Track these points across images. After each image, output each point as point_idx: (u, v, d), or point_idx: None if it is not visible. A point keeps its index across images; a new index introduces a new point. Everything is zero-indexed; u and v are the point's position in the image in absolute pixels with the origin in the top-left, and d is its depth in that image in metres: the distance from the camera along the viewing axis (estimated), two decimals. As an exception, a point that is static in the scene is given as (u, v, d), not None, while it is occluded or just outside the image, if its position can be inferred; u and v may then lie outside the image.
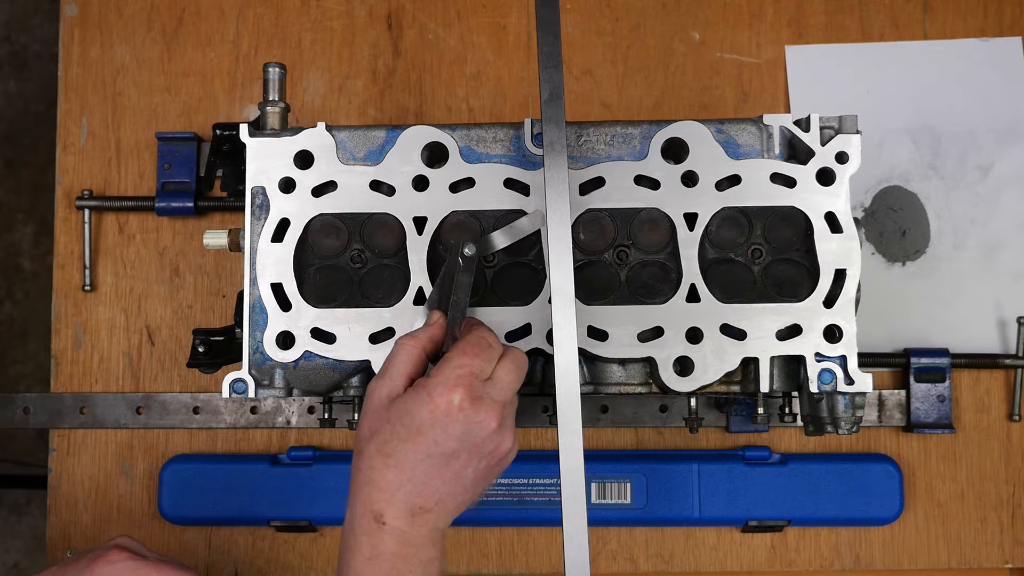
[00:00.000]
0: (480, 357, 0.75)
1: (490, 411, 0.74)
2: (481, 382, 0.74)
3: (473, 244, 0.82)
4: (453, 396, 0.73)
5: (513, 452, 0.77)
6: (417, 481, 0.74)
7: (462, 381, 0.73)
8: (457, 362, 0.74)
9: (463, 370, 0.74)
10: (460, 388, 0.73)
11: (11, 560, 2.21)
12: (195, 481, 1.11)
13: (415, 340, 0.78)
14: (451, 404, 0.73)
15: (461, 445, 0.74)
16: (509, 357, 0.77)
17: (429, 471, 0.74)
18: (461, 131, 0.90)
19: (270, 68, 0.93)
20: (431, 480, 0.74)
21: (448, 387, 0.73)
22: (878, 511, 1.09)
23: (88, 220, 1.15)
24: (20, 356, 2.28)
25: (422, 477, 0.74)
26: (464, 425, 0.73)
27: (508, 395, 0.76)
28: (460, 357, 0.75)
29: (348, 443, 1.15)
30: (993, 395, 1.14)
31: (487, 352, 0.75)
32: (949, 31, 1.20)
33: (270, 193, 0.88)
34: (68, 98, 1.20)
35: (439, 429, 0.73)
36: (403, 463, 0.74)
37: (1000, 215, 1.16)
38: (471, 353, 0.75)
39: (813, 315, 0.86)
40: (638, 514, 1.09)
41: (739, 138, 0.89)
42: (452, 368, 0.74)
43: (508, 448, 0.76)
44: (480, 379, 0.74)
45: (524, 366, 0.78)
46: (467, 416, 0.73)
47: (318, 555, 1.13)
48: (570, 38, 1.20)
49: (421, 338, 0.79)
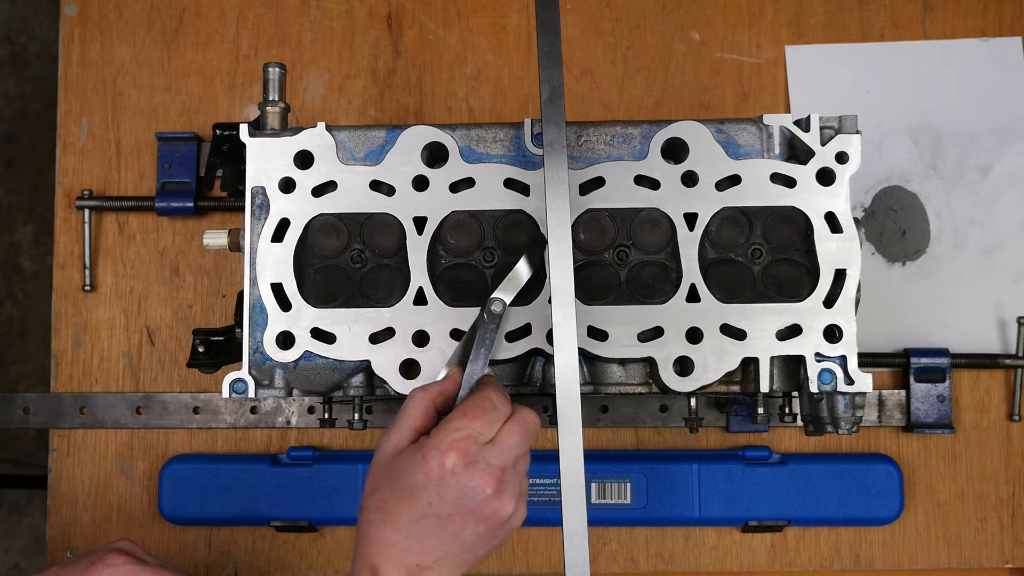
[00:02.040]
0: (481, 419, 0.73)
1: (485, 476, 0.72)
2: (479, 445, 0.72)
3: (502, 302, 0.82)
4: (446, 460, 0.71)
5: (517, 516, 0.75)
6: (413, 539, 0.73)
7: (457, 444, 0.72)
8: (455, 424, 0.73)
9: (459, 433, 0.72)
10: (454, 452, 0.71)
11: (11, 560, 2.21)
12: (195, 481, 1.11)
13: (425, 393, 0.77)
14: (443, 468, 0.71)
15: (456, 509, 0.72)
16: (516, 419, 0.75)
17: (425, 531, 0.73)
18: (461, 131, 0.90)
19: (270, 68, 0.93)
20: (427, 540, 0.73)
21: (442, 450, 0.72)
22: (878, 511, 1.09)
23: (88, 220, 1.15)
24: (20, 356, 2.28)
25: (418, 536, 0.73)
26: (457, 490, 0.72)
27: (509, 459, 0.74)
28: (460, 419, 0.73)
29: (348, 443, 1.15)
30: (993, 395, 1.14)
31: (490, 414, 0.74)
32: (949, 31, 1.20)
33: (270, 193, 0.88)
34: (68, 98, 1.20)
35: (432, 492, 0.72)
36: (399, 522, 0.73)
37: (1000, 215, 1.16)
38: (471, 415, 0.73)
39: (813, 315, 0.86)
40: (638, 514, 1.09)
41: (739, 138, 0.89)
42: (449, 431, 0.73)
43: (509, 513, 0.74)
44: (479, 442, 0.73)
45: (533, 428, 0.76)
46: (460, 481, 0.71)
47: (318, 555, 1.13)
48: (570, 38, 1.20)
49: (432, 391, 0.77)
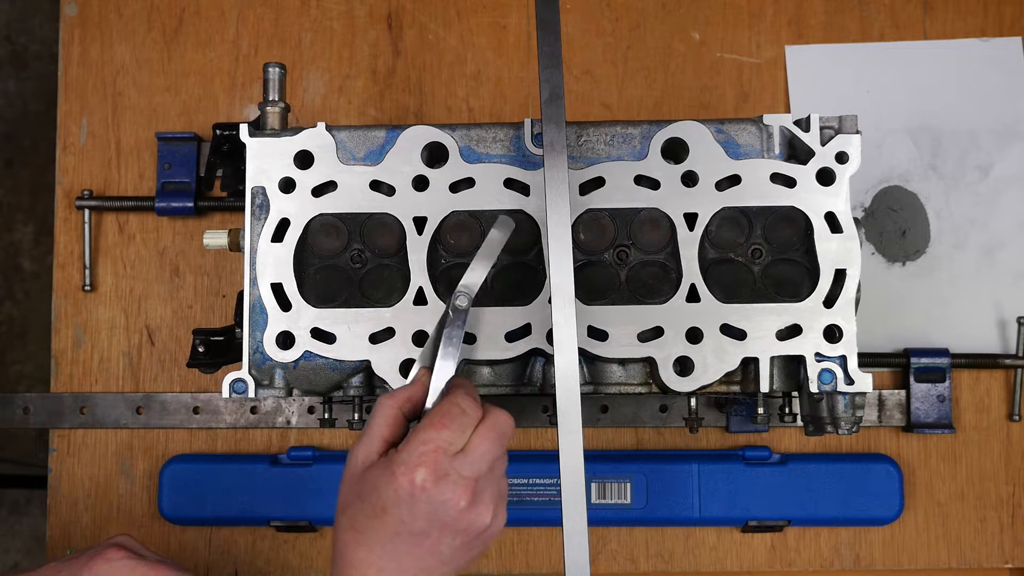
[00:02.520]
0: (449, 428, 0.70)
1: (457, 489, 0.69)
2: (449, 457, 0.70)
3: (467, 296, 0.78)
4: (416, 475, 0.69)
5: (496, 524, 0.73)
6: (389, 559, 0.71)
7: (425, 459, 0.69)
8: (422, 436, 0.70)
9: (427, 446, 0.70)
10: (423, 467, 0.69)
11: (11, 560, 2.21)
12: (195, 481, 1.11)
13: (392, 400, 0.74)
14: (413, 484, 0.69)
15: (430, 524, 0.70)
16: (487, 424, 0.72)
17: (399, 549, 0.71)
18: (461, 131, 0.90)
19: (270, 68, 0.93)
20: (402, 558, 0.71)
21: (411, 466, 0.69)
22: (878, 511, 1.09)
23: (88, 220, 1.15)
24: (20, 356, 2.28)
25: (393, 555, 0.71)
26: (429, 505, 0.69)
27: (482, 467, 0.71)
28: (427, 430, 0.70)
29: (348, 443, 1.15)
30: (993, 395, 1.14)
31: (459, 421, 0.71)
32: (949, 31, 1.20)
33: (270, 193, 0.88)
34: (68, 98, 1.20)
35: (404, 509, 0.69)
36: (372, 541, 0.71)
37: (1000, 215, 1.16)
38: (439, 425, 0.70)
39: (813, 315, 0.86)
40: (638, 514, 1.09)
41: (739, 138, 0.89)
42: (417, 443, 0.70)
43: (486, 523, 0.71)
44: (448, 453, 0.70)
45: (507, 430, 0.73)
46: (431, 497, 0.69)
47: (318, 555, 1.13)
48: (570, 38, 1.20)
49: (399, 398, 0.75)
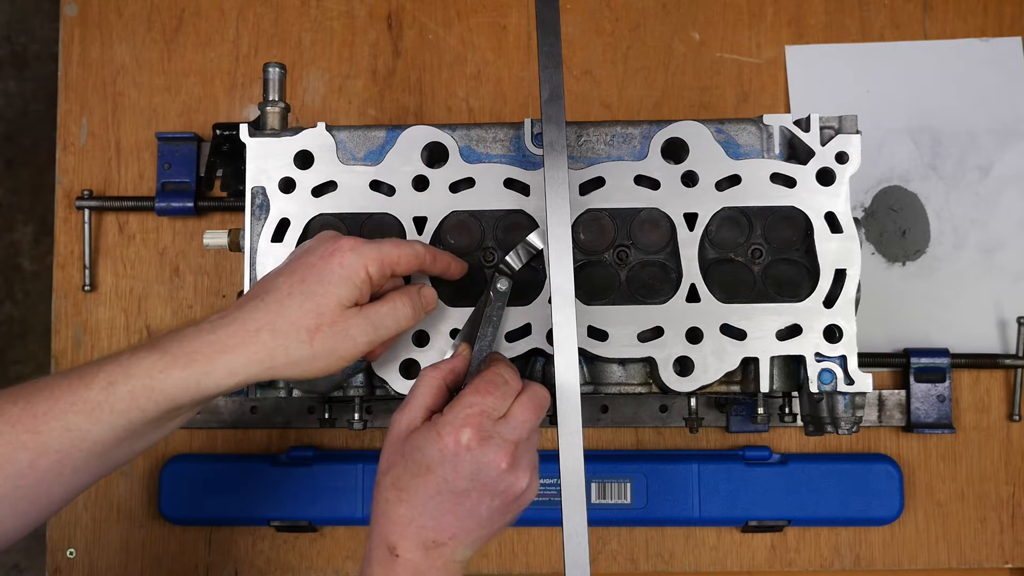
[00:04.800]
0: (493, 395, 0.74)
1: (500, 451, 0.72)
2: (492, 421, 0.73)
3: (507, 279, 0.82)
4: (461, 435, 0.72)
5: (531, 491, 0.75)
6: (429, 516, 0.73)
7: (471, 420, 0.72)
8: (468, 400, 0.73)
9: (473, 409, 0.73)
10: (468, 427, 0.72)
11: (11, 560, 2.21)
12: (195, 481, 1.11)
13: (436, 371, 0.77)
14: (459, 443, 0.72)
15: (471, 484, 0.72)
16: (527, 394, 0.76)
17: (441, 507, 0.73)
18: (461, 131, 0.90)
19: (270, 68, 0.93)
20: (444, 516, 0.73)
21: (456, 426, 0.72)
22: (878, 511, 1.09)
23: (88, 220, 1.15)
24: (20, 356, 2.28)
25: (434, 512, 0.73)
26: (472, 465, 0.72)
27: (522, 433, 0.74)
28: (472, 395, 0.74)
29: (348, 443, 1.15)
30: (993, 395, 1.14)
31: (502, 389, 0.74)
32: (949, 31, 1.20)
33: (270, 193, 0.88)
34: (68, 98, 1.20)
35: (448, 467, 0.72)
36: (415, 498, 0.73)
37: (1000, 215, 1.16)
38: (484, 391, 0.74)
39: (813, 315, 0.86)
40: (638, 514, 1.09)
41: (739, 138, 0.89)
42: (463, 407, 0.73)
43: (523, 488, 0.74)
44: (491, 418, 0.73)
45: (544, 403, 0.76)
46: (475, 456, 0.72)
47: (318, 555, 1.13)
48: (570, 38, 1.20)
49: (443, 369, 0.78)
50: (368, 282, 0.76)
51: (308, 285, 0.74)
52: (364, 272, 0.76)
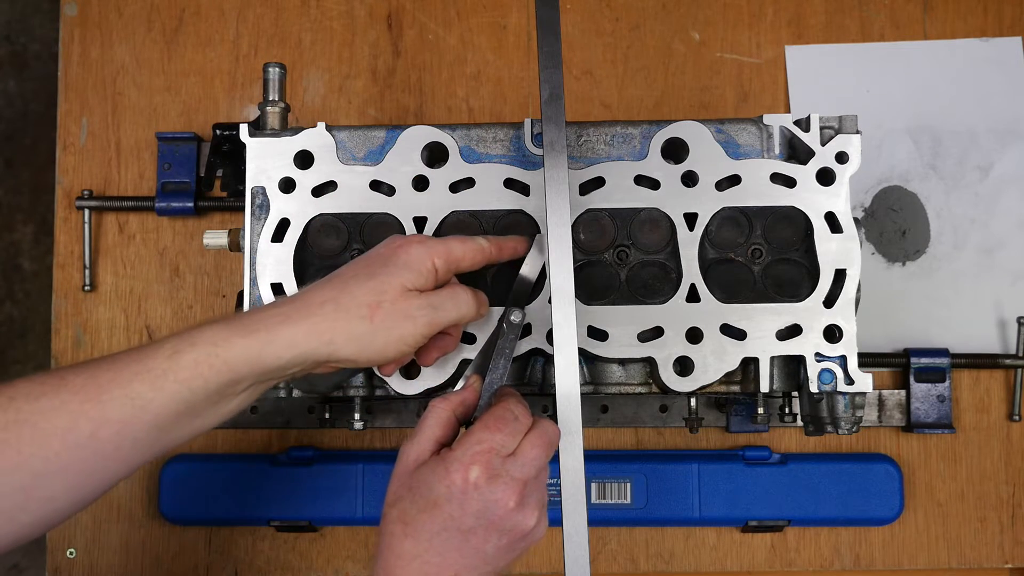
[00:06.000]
0: (503, 432, 0.73)
1: (508, 489, 0.71)
2: (501, 458, 0.72)
3: (521, 312, 0.81)
4: (469, 473, 0.71)
5: (540, 529, 0.74)
6: (434, 552, 0.72)
7: (479, 458, 0.71)
8: (477, 437, 0.72)
9: (482, 446, 0.72)
10: (477, 465, 0.71)
11: (11, 560, 2.21)
12: (195, 481, 1.11)
13: (446, 403, 0.76)
14: (467, 481, 0.71)
15: (478, 522, 0.71)
16: (537, 431, 0.74)
17: (446, 543, 0.72)
18: (461, 131, 0.90)
19: (270, 68, 0.93)
20: (448, 553, 0.72)
21: (465, 463, 0.71)
22: (878, 511, 1.09)
23: (88, 220, 1.15)
24: (20, 356, 2.28)
25: (439, 549, 0.72)
26: (480, 503, 0.71)
27: (531, 471, 0.73)
28: (482, 432, 0.73)
29: (348, 443, 1.15)
30: (993, 395, 1.14)
31: (511, 426, 0.73)
32: (949, 31, 1.20)
33: (270, 193, 0.88)
34: (68, 98, 1.20)
35: (455, 504, 0.71)
36: (420, 533, 0.72)
37: (1000, 215, 1.16)
38: (493, 427, 0.73)
39: (813, 315, 0.86)
40: (638, 514, 1.09)
41: (739, 138, 0.89)
42: (472, 443, 0.72)
43: (531, 526, 0.73)
44: (500, 455, 0.72)
45: (555, 440, 0.75)
46: (483, 494, 0.71)
47: (318, 555, 1.13)
48: (570, 38, 1.20)
49: (453, 401, 0.77)
50: (434, 273, 0.77)
51: (373, 269, 0.76)
52: (431, 263, 0.77)
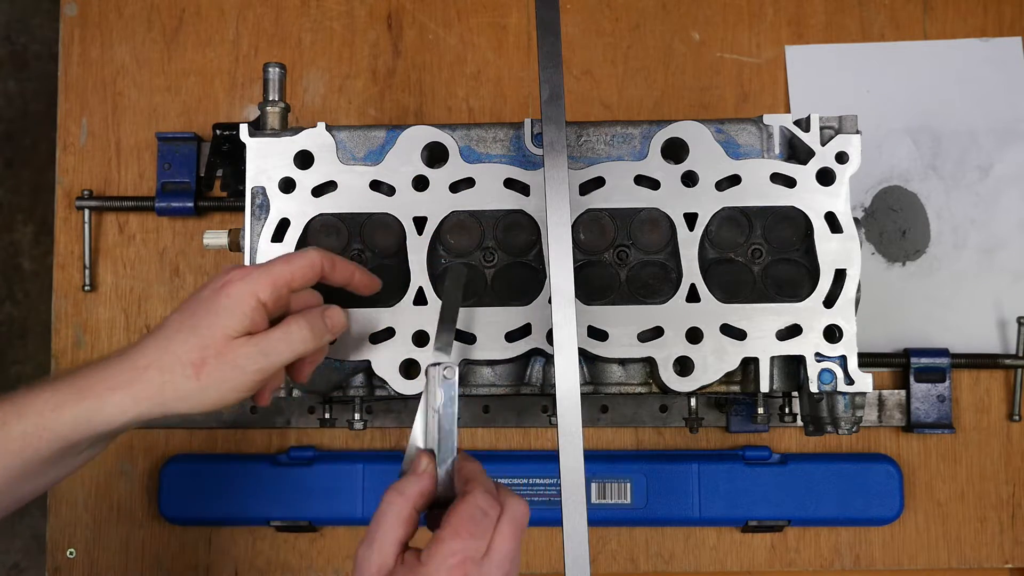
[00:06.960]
0: (475, 536, 0.68)
1: None
2: (477, 564, 0.68)
3: (453, 367, 0.74)
4: None
5: None
6: None
7: (456, 572, 0.67)
8: (449, 548, 0.67)
9: (456, 558, 0.67)
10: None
11: (11, 560, 2.21)
12: (195, 481, 1.11)
13: (404, 499, 0.71)
14: None
15: None
16: (506, 519, 0.70)
17: None
18: (461, 131, 0.90)
19: (270, 68, 0.93)
20: None
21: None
22: (878, 511, 1.09)
23: (88, 220, 1.15)
24: (20, 356, 2.27)
25: None
26: None
27: (507, 565, 0.69)
28: (452, 540, 0.68)
29: (348, 443, 1.15)
30: (993, 395, 1.14)
31: (482, 525, 0.69)
32: (949, 31, 1.20)
33: (270, 193, 0.88)
34: (68, 98, 1.20)
35: None
36: None
37: (1000, 215, 1.16)
38: (465, 534, 0.68)
39: (813, 315, 0.86)
40: (638, 514, 1.09)
41: (739, 138, 0.89)
42: (445, 556, 0.67)
43: None
44: (476, 561, 0.68)
45: (524, 521, 0.71)
46: None
47: (318, 555, 1.13)
48: (570, 38, 1.20)
49: (410, 495, 0.71)
50: (261, 309, 0.73)
51: (196, 319, 0.72)
52: (254, 300, 0.72)
